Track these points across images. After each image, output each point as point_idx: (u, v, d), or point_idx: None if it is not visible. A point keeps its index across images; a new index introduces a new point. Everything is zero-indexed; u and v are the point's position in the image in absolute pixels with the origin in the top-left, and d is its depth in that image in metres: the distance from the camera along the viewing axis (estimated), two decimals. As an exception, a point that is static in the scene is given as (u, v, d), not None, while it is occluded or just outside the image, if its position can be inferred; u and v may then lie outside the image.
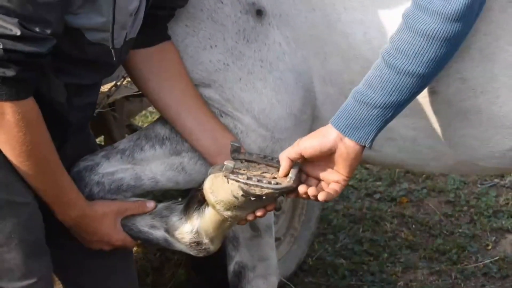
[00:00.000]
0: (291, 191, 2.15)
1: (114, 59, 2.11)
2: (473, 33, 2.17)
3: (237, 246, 2.69)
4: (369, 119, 2.05)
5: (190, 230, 2.30)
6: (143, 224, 2.34)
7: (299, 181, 2.15)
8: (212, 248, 2.33)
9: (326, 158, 2.11)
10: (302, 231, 3.76)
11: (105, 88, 2.79)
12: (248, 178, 2.12)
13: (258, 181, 2.12)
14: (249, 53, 2.29)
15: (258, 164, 2.23)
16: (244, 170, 2.17)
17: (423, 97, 2.27)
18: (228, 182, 2.14)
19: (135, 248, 2.82)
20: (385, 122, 2.08)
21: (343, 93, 2.29)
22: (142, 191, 2.39)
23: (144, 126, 4.74)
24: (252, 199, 2.13)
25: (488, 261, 3.95)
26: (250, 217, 2.23)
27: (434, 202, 4.50)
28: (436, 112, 2.30)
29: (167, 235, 2.34)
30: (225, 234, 2.34)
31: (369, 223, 4.26)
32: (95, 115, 2.78)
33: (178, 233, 2.32)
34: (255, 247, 2.68)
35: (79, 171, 2.33)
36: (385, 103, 2.04)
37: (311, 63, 2.33)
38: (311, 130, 2.41)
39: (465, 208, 4.43)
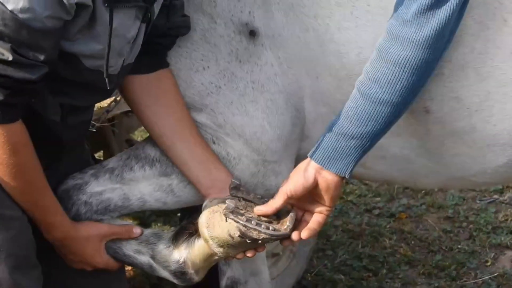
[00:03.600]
0: (287, 238, 2.18)
1: (108, 87, 2.12)
2: (468, 52, 2.19)
3: (228, 261, 2.68)
4: (347, 150, 2.08)
5: (177, 260, 2.31)
6: (129, 249, 2.34)
7: (294, 227, 2.18)
8: (196, 278, 2.34)
9: (310, 191, 2.14)
10: (301, 246, 3.75)
11: (104, 103, 2.80)
12: (247, 220, 2.14)
13: (257, 224, 2.14)
14: (241, 74, 2.30)
15: (255, 204, 2.24)
16: (242, 210, 2.18)
17: (416, 117, 2.29)
18: (226, 221, 2.15)
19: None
20: (363, 152, 2.10)
21: (334, 113, 2.30)
22: (129, 211, 2.39)
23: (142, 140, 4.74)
24: (248, 241, 2.15)
25: (487, 277, 3.93)
26: (239, 256, 2.25)
27: (433, 218, 4.49)
28: (429, 132, 2.31)
29: (152, 262, 2.34)
30: (210, 266, 2.34)
31: (368, 239, 4.25)
32: (94, 130, 2.80)
33: (164, 261, 2.32)
34: (247, 261, 2.67)
35: (67, 189, 2.33)
36: (361, 133, 2.07)
37: (303, 83, 2.34)
38: (300, 149, 2.43)
39: (464, 224, 4.41)
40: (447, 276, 3.94)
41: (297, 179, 2.12)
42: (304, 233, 2.15)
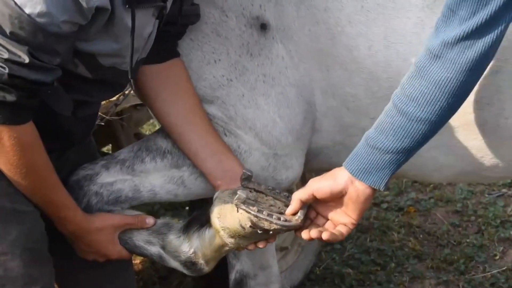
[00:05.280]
0: (298, 228, 2.17)
1: (133, 89, 2.13)
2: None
3: (238, 254, 2.69)
4: (382, 164, 2.04)
5: (187, 250, 2.31)
6: (139, 239, 2.35)
7: (306, 218, 2.16)
8: (207, 269, 2.34)
9: (337, 199, 2.11)
10: (310, 240, 3.75)
11: (113, 97, 2.80)
12: (259, 211, 2.13)
13: (268, 215, 2.13)
14: (252, 67, 2.30)
15: (266, 195, 2.25)
16: (253, 201, 2.18)
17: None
18: (238, 211, 2.15)
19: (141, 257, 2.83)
20: (398, 166, 2.06)
21: (345, 106, 2.30)
22: (139, 203, 2.38)
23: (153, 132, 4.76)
24: (259, 232, 2.15)
25: (495, 271, 3.93)
26: (250, 247, 2.24)
27: (441, 212, 4.49)
28: (440, 125, 2.30)
29: (162, 252, 2.34)
30: (221, 257, 2.35)
31: (377, 233, 4.26)
32: (103, 123, 2.80)
33: (174, 251, 2.32)
34: (256, 255, 2.68)
35: (78, 180, 2.33)
36: (397, 149, 2.03)
37: (313, 76, 2.34)
38: (311, 143, 2.42)
39: (473, 218, 4.41)
40: (455, 270, 3.94)
41: (326, 183, 2.09)
42: (325, 235, 2.10)
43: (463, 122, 2.28)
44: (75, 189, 2.31)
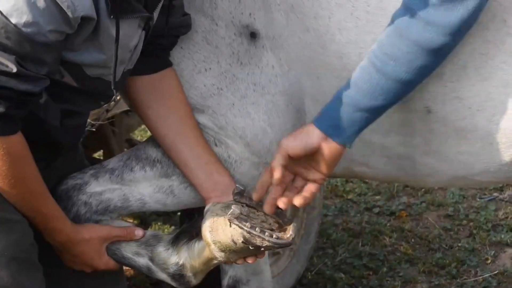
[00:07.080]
0: (289, 246, 2.22)
1: (117, 98, 2.12)
2: (469, 52, 2.20)
3: None
4: (353, 121, 2.12)
5: (175, 262, 2.31)
6: (128, 250, 2.34)
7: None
8: (194, 282, 2.33)
9: (307, 156, 2.17)
10: (301, 245, 3.76)
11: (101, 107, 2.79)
12: (252, 227, 2.13)
13: (261, 232, 2.13)
14: (242, 76, 2.30)
15: (258, 211, 2.25)
16: (245, 216, 2.18)
17: (419, 116, 2.29)
18: (230, 226, 2.15)
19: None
20: (367, 124, 2.15)
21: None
22: (128, 212, 2.39)
23: (144, 140, 4.76)
24: (251, 248, 2.15)
25: (487, 275, 3.94)
26: (239, 261, 2.25)
27: (433, 216, 4.49)
28: (431, 131, 2.31)
29: (150, 264, 2.34)
30: (209, 270, 2.34)
31: (368, 237, 4.26)
32: (94, 129, 2.80)
33: (162, 263, 2.32)
34: (249, 261, 2.69)
35: (67, 189, 2.33)
36: (371, 107, 2.12)
37: (304, 84, 2.34)
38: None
39: (464, 222, 4.42)
40: (447, 274, 3.95)
41: (299, 141, 2.15)
42: (297, 201, 2.18)
43: (455, 127, 2.29)
44: (64, 198, 2.30)
